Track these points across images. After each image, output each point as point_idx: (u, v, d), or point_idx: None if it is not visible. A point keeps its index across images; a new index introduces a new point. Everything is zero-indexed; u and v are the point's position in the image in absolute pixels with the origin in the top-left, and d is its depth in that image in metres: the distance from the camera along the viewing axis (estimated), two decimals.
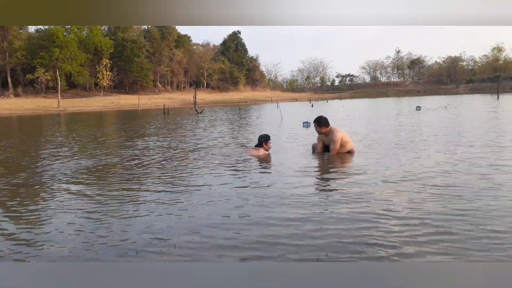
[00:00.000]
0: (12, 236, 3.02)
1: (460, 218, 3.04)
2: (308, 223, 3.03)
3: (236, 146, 7.92)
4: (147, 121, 19.56)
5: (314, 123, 6.32)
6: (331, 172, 5.16)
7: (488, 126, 10.28)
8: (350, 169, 5.26)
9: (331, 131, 6.23)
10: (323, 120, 6.23)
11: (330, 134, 6.24)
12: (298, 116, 18.60)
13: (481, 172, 4.60)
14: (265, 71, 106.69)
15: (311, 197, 3.83)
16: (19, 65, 54.35)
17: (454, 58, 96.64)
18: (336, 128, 6.30)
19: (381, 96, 65.89)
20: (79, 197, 4.14)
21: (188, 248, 2.65)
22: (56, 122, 21.06)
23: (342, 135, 6.22)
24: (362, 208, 3.38)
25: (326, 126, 6.24)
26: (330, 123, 6.31)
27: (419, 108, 20.55)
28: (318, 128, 6.26)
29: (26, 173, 5.58)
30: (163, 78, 73.97)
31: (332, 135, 6.20)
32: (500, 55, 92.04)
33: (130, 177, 5.11)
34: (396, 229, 2.86)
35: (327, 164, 5.69)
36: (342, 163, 5.67)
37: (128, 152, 7.57)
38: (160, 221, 3.25)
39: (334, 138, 6.15)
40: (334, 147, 6.13)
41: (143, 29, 70.39)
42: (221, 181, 4.65)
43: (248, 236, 2.81)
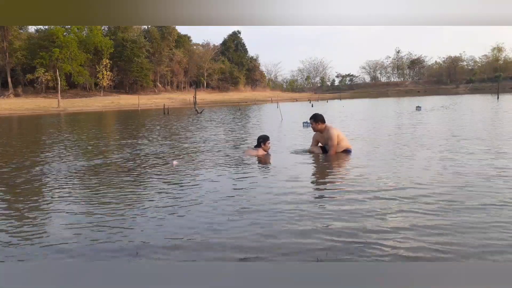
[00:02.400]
0: (12, 236, 3.02)
1: (460, 218, 3.04)
2: (308, 223, 3.03)
3: (235, 146, 7.92)
4: (147, 121, 19.56)
5: (310, 120, 6.50)
6: (330, 172, 5.16)
7: (488, 127, 10.28)
8: (349, 169, 5.26)
9: (326, 129, 6.37)
10: (318, 116, 6.43)
11: (325, 132, 6.37)
12: (298, 116, 18.60)
13: (481, 172, 4.59)
14: (265, 71, 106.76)
15: (311, 197, 3.83)
16: (19, 65, 54.33)
17: (454, 58, 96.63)
18: (331, 126, 6.45)
19: (381, 96, 65.87)
20: (79, 197, 4.14)
21: (188, 248, 2.65)
22: (56, 122, 21.06)
23: (337, 132, 6.35)
24: (362, 208, 3.38)
25: (322, 122, 6.39)
26: (326, 122, 6.42)
27: (419, 108, 20.55)
28: (314, 124, 6.42)
29: (26, 173, 5.58)
30: (163, 78, 73.95)
31: (327, 132, 6.33)
32: (500, 55, 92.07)
33: (130, 177, 5.11)
34: (396, 229, 2.86)
35: (326, 164, 5.69)
36: (341, 163, 5.67)
37: (128, 152, 7.57)
38: (160, 221, 3.25)
39: (330, 135, 6.26)
40: (332, 144, 6.21)
41: (143, 29, 70.36)
42: (221, 181, 4.65)
43: (248, 236, 2.81)
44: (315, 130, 6.53)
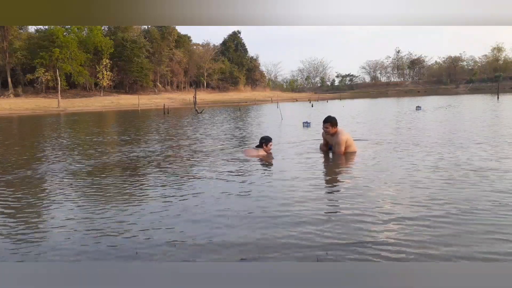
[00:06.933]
0: (12, 236, 3.02)
1: (461, 219, 3.04)
2: (308, 223, 3.03)
3: (235, 146, 7.92)
4: (147, 121, 19.56)
5: (328, 123, 6.25)
6: (330, 173, 5.16)
7: (489, 127, 10.27)
8: (350, 170, 5.26)
9: (336, 133, 6.23)
10: (335, 120, 6.24)
11: (335, 136, 6.23)
12: (299, 116, 18.59)
13: (481, 173, 4.59)
14: (265, 71, 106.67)
15: (311, 197, 3.83)
16: (19, 65, 54.28)
17: (454, 58, 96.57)
18: (342, 131, 6.29)
19: (381, 96, 65.86)
20: (79, 197, 4.14)
21: (188, 248, 2.65)
22: (56, 122, 21.05)
23: (346, 138, 6.20)
24: (362, 208, 3.38)
25: (336, 126, 6.25)
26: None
27: (419, 108, 20.55)
28: (331, 128, 6.22)
29: (26, 173, 5.58)
30: (163, 78, 73.89)
31: (336, 137, 6.18)
32: (500, 55, 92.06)
33: (130, 178, 5.11)
34: (396, 229, 2.86)
35: (327, 165, 5.69)
36: (342, 164, 5.67)
37: (128, 152, 7.57)
38: (160, 221, 3.25)
39: (338, 141, 6.13)
40: (339, 150, 6.10)
41: (143, 29, 70.30)
42: (221, 181, 4.65)
43: (248, 236, 2.81)
44: (327, 134, 6.35)
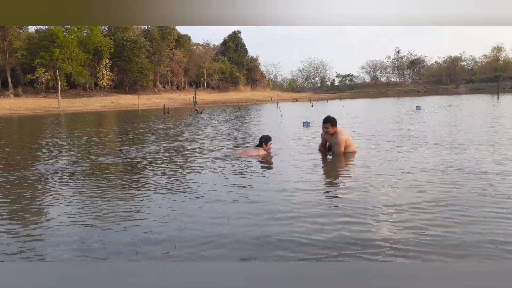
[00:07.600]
0: (12, 236, 3.02)
1: (460, 219, 3.05)
2: (308, 223, 3.03)
3: (235, 146, 7.92)
4: (147, 121, 19.56)
5: (328, 123, 6.23)
6: (329, 173, 5.16)
7: (489, 127, 10.27)
8: (349, 170, 5.26)
9: (336, 133, 6.21)
10: (335, 120, 6.23)
11: (334, 136, 6.21)
12: (299, 116, 18.59)
13: (482, 173, 4.59)
14: (265, 71, 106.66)
15: (311, 197, 3.83)
16: (19, 65, 54.27)
17: (454, 58, 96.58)
18: (341, 131, 6.27)
19: (381, 96, 65.86)
20: (79, 198, 4.13)
21: (188, 248, 2.65)
22: (56, 122, 21.05)
23: (346, 138, 6.19)
24: (362, 208, 3.38)
25: (336, 126, 6.24)
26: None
27: (419, 108, 20.55)
28: (331, 128, 6.21)
29: (26, 174, 5.58)
30: (163, 78, 73.88)
31: (336, 137, 6.17)
32: (500, 55, 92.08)
33: (130, 178, 5.11)
34: (396, 229, 2.86)
35: (327, 165, 5.69)
36: (341, 164, 5.67)
37: (128, 152, 7.57)
38: (160, 221, 3.25)
39: (338, 141, 6.11)
40: (338, 150, 6.08)
41: (143, 29, 70.29)
42: (221, 181, 4.65)
43: (248, 236, 2.81)
44: (327, 134, 6.34)
